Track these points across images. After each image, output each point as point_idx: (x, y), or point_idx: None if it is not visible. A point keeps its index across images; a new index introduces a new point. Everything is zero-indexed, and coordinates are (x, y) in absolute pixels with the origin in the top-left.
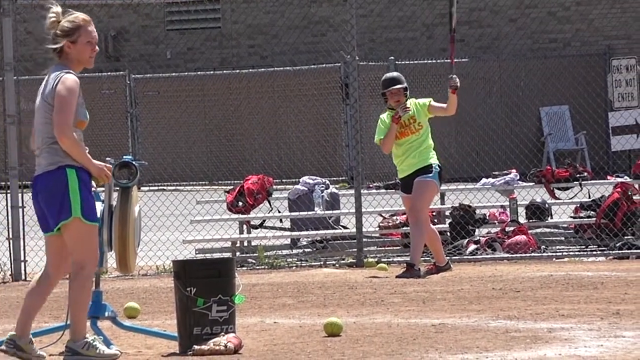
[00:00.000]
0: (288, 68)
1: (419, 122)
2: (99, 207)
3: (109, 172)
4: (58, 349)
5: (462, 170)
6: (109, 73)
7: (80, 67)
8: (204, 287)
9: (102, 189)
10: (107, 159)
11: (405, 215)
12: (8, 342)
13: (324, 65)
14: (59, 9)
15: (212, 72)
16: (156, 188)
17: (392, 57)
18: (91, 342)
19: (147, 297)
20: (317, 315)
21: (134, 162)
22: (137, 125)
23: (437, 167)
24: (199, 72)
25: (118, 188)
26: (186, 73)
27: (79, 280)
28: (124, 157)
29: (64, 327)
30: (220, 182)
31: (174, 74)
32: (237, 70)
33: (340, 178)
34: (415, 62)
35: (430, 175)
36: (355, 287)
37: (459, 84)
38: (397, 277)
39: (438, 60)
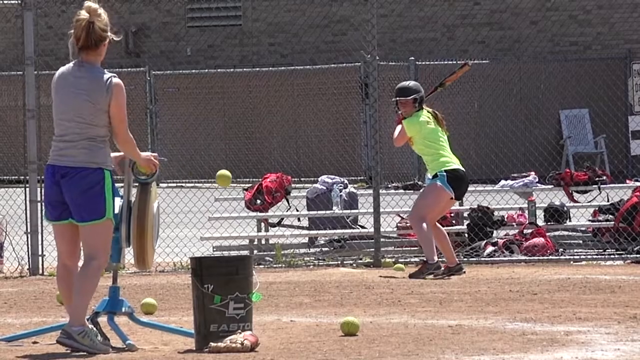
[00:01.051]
0: (308, 67)
1: (409, 136)
2: (118, 202)
3: (156, 161)
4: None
5: (481, 172)
6: (129, 69)
7: None
8: (222, 285)
9: (122, 184)
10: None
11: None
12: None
13: (344, 64)
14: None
15: (232, 69)
16: (175, 185)
17: (412, 58)
18: (88, 331)
19: (164, 293)
20: (334, 315)
21: None
22: (157, 122)
23: (442, 172)
24: (219, 70)
25: (137, 184)
26: (206, 70)
27: (88, 269)
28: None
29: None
30: (238, 179)
31: (194, 71)
32: (257, 68)
33: (359, 178)
34: (436, 62)
35: (435, 179)
36: (372, 287)
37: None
38: (410, 276)
39: (458, 62)
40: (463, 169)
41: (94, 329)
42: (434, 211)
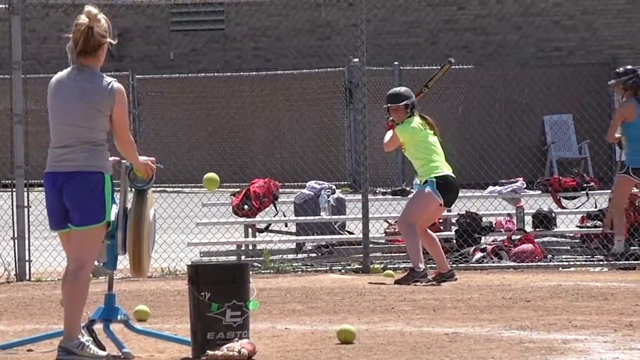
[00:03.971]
0: (292, 71)
1: (402, 142)
2: (114, 209)
3: (153, 166)
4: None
5: (468, 177)
6: (112, 73)
7: None
8: (219, 292)
9: (118, 188)
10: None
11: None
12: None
13: (328, 69)
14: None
15: (215, 74)
16: (160, 189)
17: (397, 63)
18: (85, 342)
19: (155, 300)
20: (328, 322)
21: None
22: (140, 126)
23: (431, 179)
24: (202, 74)
25: (134, 190)
26: (189, 74)
27: (80, 280)
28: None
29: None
30: (223, 184)
31: (177, 75)
32: (241, 73)
33: (342, 183)
34: (419, 67)
35: (424, 185)
36: (364, 293)
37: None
38: (395, 282)
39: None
40: (453, 175)
41: (90, 337)
42: (423, 217)
